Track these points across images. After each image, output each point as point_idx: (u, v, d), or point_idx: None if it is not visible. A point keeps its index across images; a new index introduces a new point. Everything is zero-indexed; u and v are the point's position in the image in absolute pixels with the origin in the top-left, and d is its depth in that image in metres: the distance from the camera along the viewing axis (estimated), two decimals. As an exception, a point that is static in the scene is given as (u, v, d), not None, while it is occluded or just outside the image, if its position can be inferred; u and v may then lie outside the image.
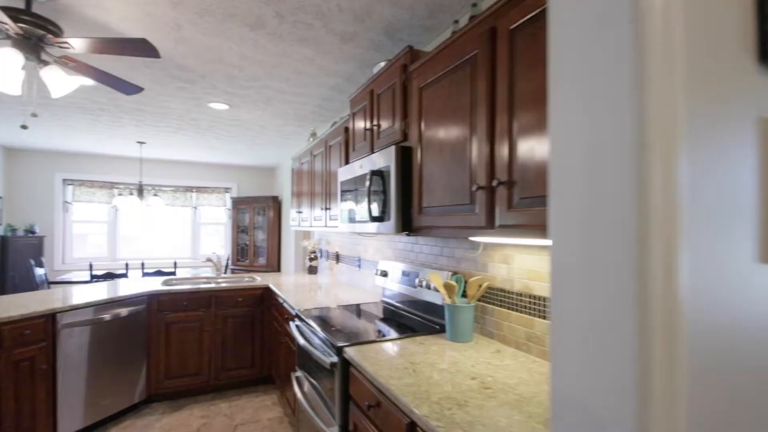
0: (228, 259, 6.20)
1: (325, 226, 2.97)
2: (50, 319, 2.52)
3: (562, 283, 0.61)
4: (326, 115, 3.76)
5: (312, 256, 4.08)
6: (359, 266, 3.24)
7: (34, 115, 1.95)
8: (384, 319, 2.17)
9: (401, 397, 1.23)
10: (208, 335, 3.35)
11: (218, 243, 7.28)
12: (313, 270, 4.10)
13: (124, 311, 2.96)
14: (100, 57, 2.52)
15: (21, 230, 5.97)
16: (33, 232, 5.96)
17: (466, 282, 1.93)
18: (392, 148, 1.81)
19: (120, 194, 6.55)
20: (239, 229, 6.83)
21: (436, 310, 2.03)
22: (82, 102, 3.54)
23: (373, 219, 1.95)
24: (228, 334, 3.41)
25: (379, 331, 1.94)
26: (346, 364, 1.68)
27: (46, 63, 1.89)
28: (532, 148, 1.16)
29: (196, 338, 3.31)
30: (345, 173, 2.38)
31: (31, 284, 5.62)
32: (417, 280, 2.12)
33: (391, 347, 1.69)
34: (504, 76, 1.28)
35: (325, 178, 2.99)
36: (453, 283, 1.74)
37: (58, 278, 5.36)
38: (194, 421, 2.97)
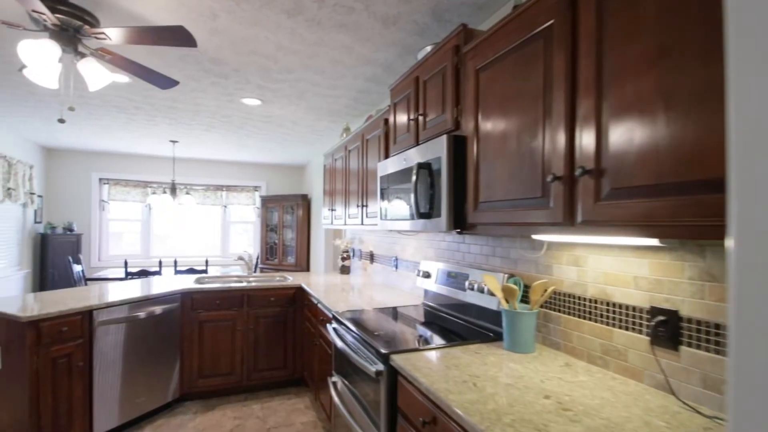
0: (257, 258, 6.18)
1: (361, 224, 2.84)
2: (87, 316, 2.49)
3: (752, 294, 0.44)
4: (361, 109, 3.63)
5: (344, 255, 3.96)
6: (396, 266, 3.10)
7: (71, 109, 1.90)
8: (427, 324, 2.01)
9: (467, 417, 1.07)
10: (240, 335, 3.28)
11: (247, 242, 7.30)
12: (345, 270, 3.98)
13: (158, 309, 2.92)
14: (135, 53, 2.48)
15: (60, 228, 6.13)
16: (71, 230, 6.11)
17: (525, 286, 1.75)
18: (443, 139, 1.66)
19: (153, 193, 6.65)
20: (268, 228, 6.81)
21: (488, 315, 1.86)
22: (117, 100, 3.54)
23: (420, 216, 1.80)
24: (260, 334, 3.33)
25: (425, 338, 1.78)
26: (393, 373, 1.54)
27: (82, 55, 1.83)
28: (630, 130, 0.98)
29: (228, 337, 3.25)
30: (385, 167, 2.24)
31: (69, 280, 5.76)
32: (467, 283, 1.95)
33: (442, 356, 1.54)
34: (589, 50, 1.10)
35: (362, 174, 2.86)
36: (513, 286, 1.57)
37: (95, 275, 5.45)
38: (227, 422, 2.89)
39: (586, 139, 1.10)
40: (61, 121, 1.89)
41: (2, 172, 4.86)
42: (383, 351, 1.56)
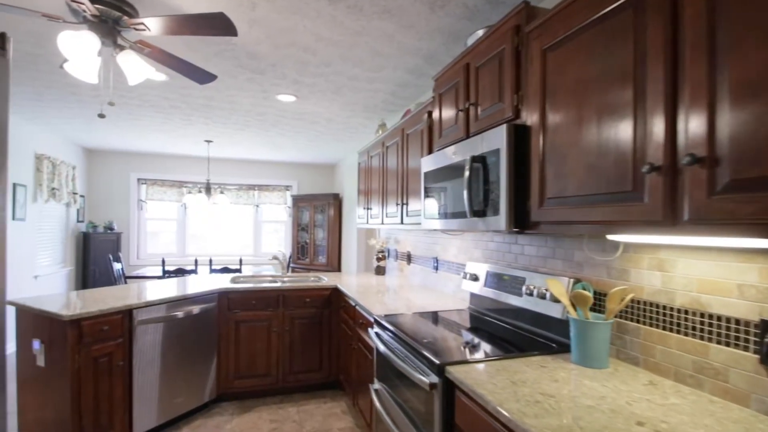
0: (289, 258, 6.17)
1: (401, 223, 2.71)
2: (127, 315, 2.47)
3: None
4: (398, 104, 3.50)
5: (380, 255, 3.84)
6: (436, 268, 2.95)
7: (111, 104, 1.87)
8: (476, 331, 1.86)
9: (550, 446, 0.92)
10: (275, 336, 3.21)
11: (278, 241, 7.31)
12: (380, 271, 3.86)
13: (195, 309, 2.89)
14: (173, 48, 2.44)
15: (101, 227, 6.31)
16: (111, 229, 6.28)
17: (595, 293, 1.57)
18: (501, 129, 1.50)
19: (189, 192, 6.76)
20: (299, 227, 6.79)
21: (549, 324, 1.69)
22: (154, 99, 3.56)
23: (474, 214, 1.64)
24: (295, 336, 3.26)
25: (478, 346, 1.63)
26: (449, 387, 1.40)
27: (121, 48, 1.78)
28: (757, 108, 0.80)
29: (264, 338, 3.20)
30: (430, 163, 2.10)
31: (109, 278, 5.92)
32: (524, 288, 1.79)
33: (503, 369, 1.38)
34: (698, 13, 0.92)
35: (401, 170, 2.73)
36: (586, 293, 1.39)
37: (134, 273, 5.57)
38: (264, 426, 2.83)
39: (695, 122, 0.93)
40: (101, 116, 1.86)
41: (47, 172, 5.03)
42: (437, 362, 1.42)
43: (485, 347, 1.62)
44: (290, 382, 3.26)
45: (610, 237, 1.22)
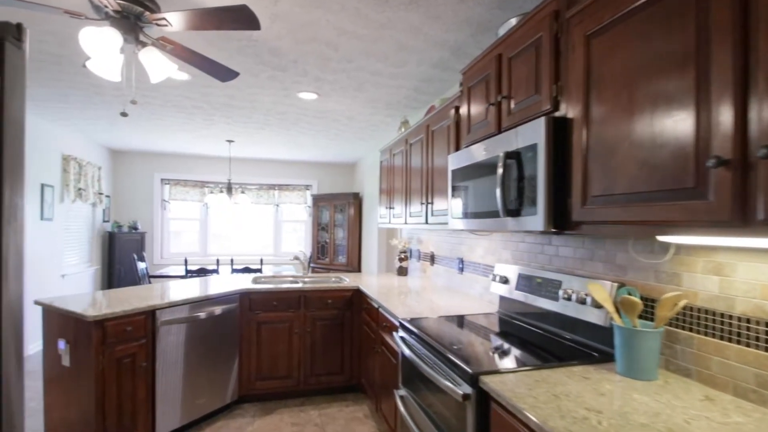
0: (309, 258, 6.15)
1: (425, 222, 2.62)
2: (150, 316, 2.46)
3: None
4: (421, 101, 3.41)
5: (402, 256, 3.76)
6: (461, 269, 2.85)
7: (133, 102, 1.85)
8: (507, 336, 1.76)
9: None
10: (297, 337, 3.17)
11: (297, 240, 7.31)
12: (402, 271, 3.78)
13: (218, 309, 2.87)
14: (195, 46, 2.42)
15: (126, 227, 6.43)
16: (136, 229, 6.39)
17: (641, 298, 1.45)
18: (539, 122, 1.40)
19: (210, 192, 6.82)
20: (319, 227, 6.78)
21: (591, 331, 1.58)
22: (176, 99, 3.57)
23: (508, 213, 1.55)
24: (317, 337, 3.21)
25: (511, 354, 1.54)
26: (483, 398, 1.31)
27: (143, 44, 1.75)
28: None
29: (285, 339, 3.16)
30: (458, 160, 2.01)
31: (134, 277, 6.02)
32: (561, 291, 1.68)
33: (543, 380, 1.28)
34: (778, -15, 0.81)
35: (426, 169, 2.64)
36: (635, 299, 1.28)
37: (157, 272, 5.65)
38: (285, 428, 2.79)
39: (774, 109, 0.82)
40: (124, 114, 1.84)
41: (73, 173, 5.13)
42: (470, 371, 1.34)
43: (519, 355, 1.53)
44: (311, 385, 3.21)
45: (660, 238, 1.11)
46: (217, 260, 5.22)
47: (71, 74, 3.01)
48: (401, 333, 2.06)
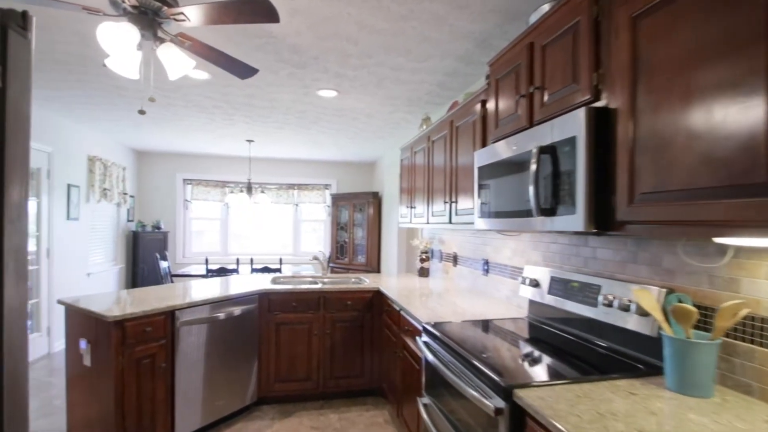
0: (328, 257, 6.11)
1: (449, 222, 2.52)
2: (169, 316, 2.44)
3: None
4: (444, 96, 3.31)
5: (423, 256, 3.67)
6: (486, 271, 2.74)
7: (151, 99, 1.81)
8: (540, 344, 1.65)
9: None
10: (316, 339, 3.12)
11: (317, 240, 7.29)
12: (424, 272, 3.68)
13: (237, 310, 2.84)
14: (214, 43, 2.38)
15: (149, 226, 6.53)
16: (159, 228, 6.49)
17: (693, 305, 1.32)
18: (578, 114, 1.29)
19: (231, 192, 6.87)
20: (338, 226, 6.73)
21: (635, 341, 1.45)
22: (197, 99, 3.56)
23: (542, 212, 1.44)
24: (336, 339, 3.15)
25: (547, 364, 1.42)
26: (518, 413, 1.20)
27: (162, 41, 1.71)
28: None
29: (304, 341, 3.11)
30: (485, 157, 1.90)
31: (157, 276, 6.10)
32: (601, 297, 1.56)
33: (585, 395, 1.17)
34: None
35: (450, 166, 2.54)
36: (690, 308, 1.16)
37: (179, 271, 5.70)
38: (304, 432, 2.74)
39: None
40: (142, 112, 1.81)
41: (98, 173, 5.23)
42: (503, 383, 1.24)
43: (555, 365, 1.41)
44: (331, 388, 3.15)
45: (717, 240, 0.99)
46: (237, 260, 5.23)
47: (95, 75, 3.03)
48: (424, 338, 1.97)
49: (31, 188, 4.07)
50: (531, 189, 1.43)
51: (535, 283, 1.99)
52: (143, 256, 6.13)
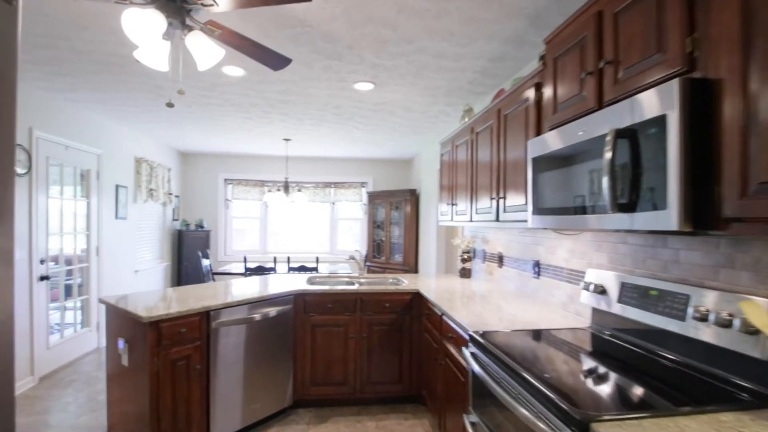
0: (365, 256, 5.99)
1: (496, 220, 2.30)
2: (204, 317, 2.38)
3: None
4: (488, 85, 3.07)
5: (465, 256, 3.45)
6: (537, 273, 2.49)
7: (180, 92, 1.73)
8: (611, 363, 1.41)
9: None
10: (353, 342, 2.98)
11: (353, 239, 7.21)
12: (466, 273, 3.47)
13: (272, 311, 2.76)
14: (245, 34, 2.29)
15: (193, 225, 6.69)
16: (202, 227, 6.63)
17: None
18: (670, 87, 1.05)
19: (269, 191, 6.92)
20: (375, 225, 6.60)
21: (737, 364, 1.19)
22: (234, 97, 3.53)
23: (619, 208, 1.21)
24: (374, 343, 3.00)
25: (624, 390, 1.19)
26: (594, 450, 0.99)
27: (190, 29, 1.62)
28: None
29: (341, 344, 2.98)
30: (541, 146, 1.68)
31: (199, 274, 6.24)
32: (690, 309, 1.30)
33: (682, 434, 0.94)
34: None
35: (497, 159, 2.32)
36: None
37: (220, 269, 5.79)
38: (341, 441, 2.61)
39: None
40: (170, 105, 1.74)
41: (145, 174, 5.38)
42: (577, 415, 1.03)
43: (635, 391, 1.18)
44: (368, 393, 3.01)
45: None
46: (275, 258, 5.23)
47: (135, 74, 3.05)
48: (472, 349, 1.78)
49: (82, 189, 4.22)
50: (605, 181, 1.20)
51: (601, 290, 1.74)
52: (187, 254, 6.28)
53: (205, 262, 5.48)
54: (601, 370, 1.36)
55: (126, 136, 4.99)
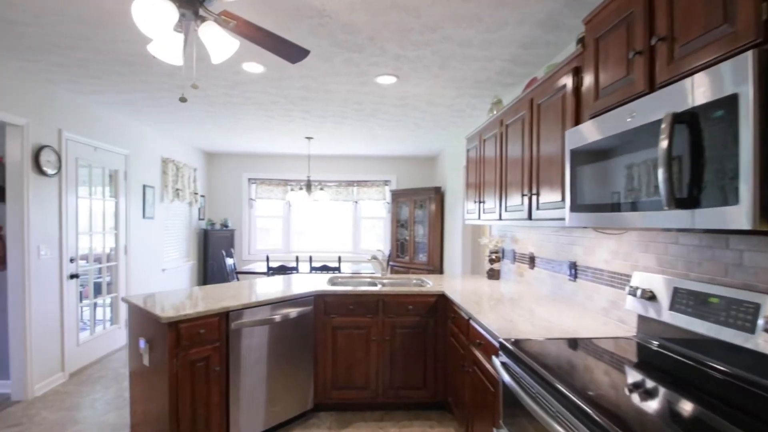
0: (388, 256, 5.88)
1: (528, 218, 2.14)
2: (224, 318, 2.34)
3: None
4: (517, 74, 2.90)
5: (493, 257, 3.29)
6: (573, 275, 2.31)
7: (194, 86, 1.67)
8: (664, 379, 1.24)
9: None
10: (375, 345, 2.88)
11: (376, 237, 7.11)
12: (494, 274, 3.30)
13: (293, 312, 2.69)
14: (259, 23, 2.22)
15: (218, 224, 6.77)
16: (226, 226, 6.69)
17: None
18: (743, 60, 0.89)
19: (291, 190, 6.91)
20: (398, 224, 6.49)
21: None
22: (255, 96, 3.49)
23: (677, 204, 1.05)
24: (396, 346, 2.89)
25: (679, 410, 1.04)
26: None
27: (203, 20, 1.55)
28: None
29: (362, 347, 2.89)
30: (581, 136, 1.52)
31: (223, 273, 6.29)
32: (762, 321, 1.13)
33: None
34: None
35: (529, 153, 2.16)
36: None
37: (244, 268, 5.81)
38: (363, 447, 2.51)
39: None
40: (183, 99, 1.68)
41: (171, 174, 5.45)
42: (629, 441, 0.88)
43: (699, 415, 1.02)
44: (391, 398, 2.90)
45: None
46: (297, 257, 5.19)
47: (158, 75, 3.05)
48: (503, 358, 1.64)
49: (111, 189, 4.29)
50: (660, 173, 1.05)
51: (650, 295, 1.57)
52: (212, 252, 6.35)
53: (229, 262, 5.51)
54: (653, 387, 1.20)
55: (152, 137, 5.06)
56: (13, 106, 2.98)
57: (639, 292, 1.60)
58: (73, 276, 3.58)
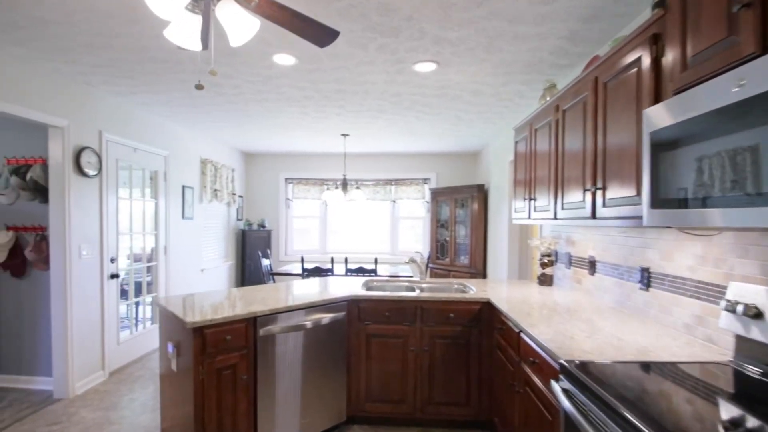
0: (428, 258, 5.63)
1: (591, 217, 1.84)
2: (251, 323, 2.20)
3: None
4: (574, 54, 2.57)
5: (545, 260, 2.96)
6: (645, 284, 1.98)
7: (212, 72, 1.53)
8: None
9: None
10: (412, 356, 2.66)
11: (415, 238, 6.87)
12: (546, 280, 2.98)
13: (325, 318, 2.52)
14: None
15: (255, 225, 6.80)
16: (264, 227, 6.71)
17: None
18: None
19: (327, 189, 6.82)
20: (438, 224, 6.21)
21: None
22: (288, 91, 3.38)
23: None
24: (436, 358, 2.65)
25: None
26: None
27: (221, -2, 1.40)
28: None
29: (398, 357, 2.67)
30: (666, 114, 1.23)
31: (259, 274, 6.29)
32: None
33: None
34: None
35: (593, 140, 1.86)
36: None
37: (280, 269, 5.77)
38: (400, 468, 2.30)
39: None
40: (199, 87, 1.54)
41: (210, 175, 5.50)
42: None
43: None
44: (429, 414, 2.67)
45: None
46: (332, 259, 5.06)
47: (192, 73, 3.00)
48: (564, 383, 1.37)
49: (151, 190, 4.35)
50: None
51: (755, 312, 1.24)
52: (250, 253, 6.38)
53: (265, 262, 5.48)
54: (753, 424, 0.90)
55: (190, 138, 5.11)
56: (54, 108, 3.03)
57: (741, 308, 1.27)
58: (113, 276, 3.62)
